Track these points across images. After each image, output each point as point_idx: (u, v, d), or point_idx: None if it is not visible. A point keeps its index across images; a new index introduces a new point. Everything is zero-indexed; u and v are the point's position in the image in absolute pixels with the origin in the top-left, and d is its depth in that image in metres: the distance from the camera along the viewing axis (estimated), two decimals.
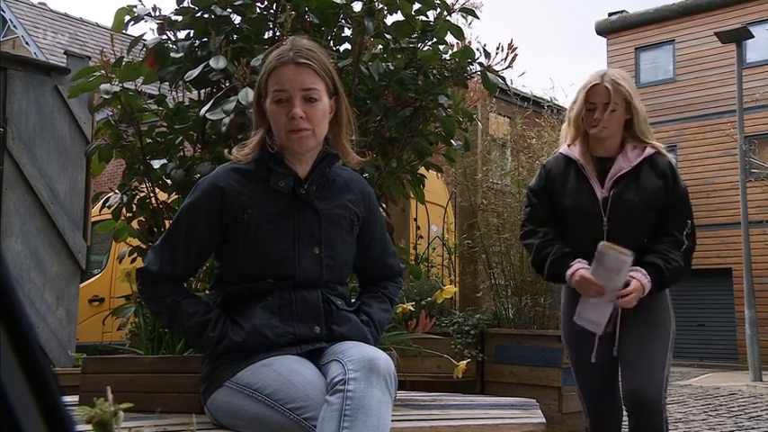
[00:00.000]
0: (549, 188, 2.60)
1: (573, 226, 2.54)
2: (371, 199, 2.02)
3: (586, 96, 2.52)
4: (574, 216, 2.54)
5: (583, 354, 2.51)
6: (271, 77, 1.83)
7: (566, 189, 2.56)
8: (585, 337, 2.46)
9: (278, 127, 1.82)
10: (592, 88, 2.51)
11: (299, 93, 1.80)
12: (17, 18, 15.87)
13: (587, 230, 2.49)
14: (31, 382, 0.42)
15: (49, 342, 4.64)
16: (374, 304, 1.97)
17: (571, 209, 2.54)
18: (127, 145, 2.56)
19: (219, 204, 1.82)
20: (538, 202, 2.61)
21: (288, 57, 1.82)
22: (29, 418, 0.41)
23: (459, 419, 2.03)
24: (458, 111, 2.60)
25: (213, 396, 1.79)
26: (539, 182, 2.64)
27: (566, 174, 2.58)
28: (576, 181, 2.56)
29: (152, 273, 1.84)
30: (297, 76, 1.81)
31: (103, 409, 0.74)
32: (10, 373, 0.40)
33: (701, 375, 12.98)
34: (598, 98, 2.51)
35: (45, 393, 0.42)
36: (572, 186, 2.55)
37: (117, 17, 2.49)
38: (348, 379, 1.57)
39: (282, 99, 1.81)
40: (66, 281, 4.82)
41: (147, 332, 2.30)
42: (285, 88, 1.80)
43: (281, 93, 1.81)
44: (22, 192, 4.62)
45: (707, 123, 18.78)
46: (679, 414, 6.89)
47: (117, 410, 0.74)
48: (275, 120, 1.82)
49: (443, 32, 2.45)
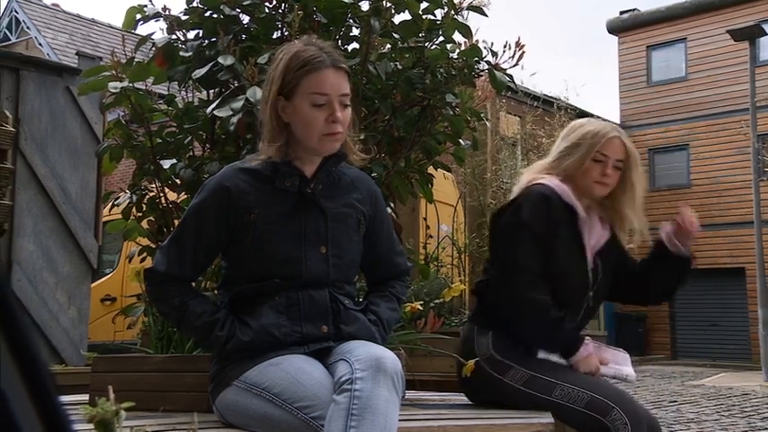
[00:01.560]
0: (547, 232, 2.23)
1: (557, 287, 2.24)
2: (378, 198, 2.02)
3: (600, 147, 2.26)
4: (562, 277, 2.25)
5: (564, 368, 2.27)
6: (307, 80, 1.80)
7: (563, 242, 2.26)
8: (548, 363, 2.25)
9: (312, 130, 1.80)
10: (609, 140, 2.27)
11: (337, 97, 1.80)
12: (30, 19, 15.98)
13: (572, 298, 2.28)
14: (28, 381, 0.42)
15: (62, 341, 4.67)
16: (382, 303, 1.97)
17: (563, 268, 2.25)
18: (137, 145, 2.57)
19: (226, 204, 1.82)
20: (537, 246, 2.22)
21: (325, 60, 1.81)
22: (26, 418, 0.41)
23: (467, 419, 2.03)
24: (466, 110, 2.59)
25: (221, 395, 1.80)
26: (541, 219, 2.23)
27: (564, 222, 2.26)
28: (571, 237, 2.27)
29: (160, 273, 1.84)
30: (337, 81, 1.81)
31: (105, 408, 0.74)
32: (7, 372, 0.41)
33: (713, 375, 12.90)
34: (613, 152, 2.27)
35: (42, 392, 0.42)
36: (568, 242, 2.27)
37: (128, 15, 2.51)
38: (355, 378, 1.57)
39: (322, 103, 1.80)
40: (78, 280, 4.85)
41: (157, 331, 2.31)
42: (326, 92, 1.79)
43: (322, 96, 1.79)
44: (35, 192, 4.65)
45: (719, 122, 18.67)
46: (691, 414, 6.85)
47: (118, 410, 0.75)
48: (310, 122, 1.80)
49: (451, 31, 2.45)
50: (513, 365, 2.24)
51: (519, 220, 2.24)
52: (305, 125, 1.82)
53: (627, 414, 2.10)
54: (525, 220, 2.22)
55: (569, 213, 2.27)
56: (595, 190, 2.29)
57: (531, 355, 2.25)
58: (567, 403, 2.15)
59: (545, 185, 2.27)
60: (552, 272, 2.24)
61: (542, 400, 2.18)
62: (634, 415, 2.11)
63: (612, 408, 2.11)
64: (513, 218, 2.26)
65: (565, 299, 2.27)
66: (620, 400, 2.14)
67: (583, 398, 2.15)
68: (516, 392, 2.22)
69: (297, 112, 1.82)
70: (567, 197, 2.26)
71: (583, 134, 2.30)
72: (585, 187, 2.30)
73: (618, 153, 2.28)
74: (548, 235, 2.23)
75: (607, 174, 2.27)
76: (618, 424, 2.08)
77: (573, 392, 2.16)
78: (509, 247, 2.26)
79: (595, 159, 2.27)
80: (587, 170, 2.27)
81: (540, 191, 2.26)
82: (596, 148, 2.27)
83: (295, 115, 1.82)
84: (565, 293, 2.27)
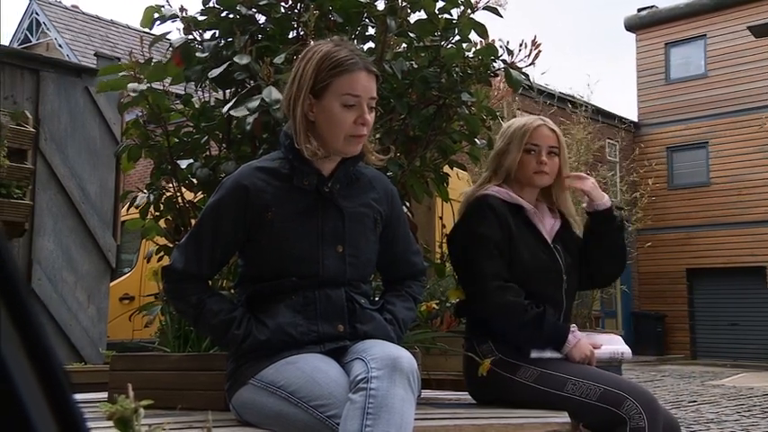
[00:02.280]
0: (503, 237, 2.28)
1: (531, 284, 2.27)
2: (395, 197, 2.02)
3: (529, 138, 2.33)
4: (534, 273, 2.28)
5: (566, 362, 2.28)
6: (340, 80, 1.80)
7: (521, 240, 2.29)
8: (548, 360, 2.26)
9: (339, 130, 1.81)
10: (536, 129, 2.34)
11: (367, 100, 1.82)
12: (50, 21, 16.16)
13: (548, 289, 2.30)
14: (41, 378, 0.42)
15: (81, 339, 4.72)
16: (398, 303, 1.97)
17: (531, 264, 2.28)
18: (154, 145, 2.59)
19: (244, 203, 1.83)
20: (498, 252, 2.26)
21: (359, 63, 1.82)
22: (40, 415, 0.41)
23: (483, 418, 2.02)
24: (482, 108, 2.58)
25: (238, 393, 1.81)
26: (493, 226, 2.27)
27: (515, 222, 2.31)
28: (528, 231, 2.32)
29: (177, 271, 1.85)
30: (368, 84, 1.83)
31: (124, 405, 0.75)
32: (21, 370, 0.41)
33: (733, 375, 12.77)
34: (542, 140, 2.34)
35: (56, 390, 0.43)
36: (525, 237, 2.31)
37: (146, 15, 2.53)
38: (371, 377, 1.57)
39: (352, 104, 1.81)
40: (97, 279, 4.89)
41: (174, 330, 2.33)
42: (358, 93, 1.81)
43: (354, 98, 1.81)
44: (54, 192, 4.70)
45: (739, 119, 18.48)
46: (711, 414, 6.79)
47: (137, 407, 0.75)
48: (339, 122, 1.81)
49: (467, 30, 2.44)
50: (522, 364, 2.25)
51: (473, 233, 2.29)
52: (333, 125, 1.82)
53: (641, 403, 2.09)
54: (479, 232, 2.28)
55: (516, 211, 2.33)
56: (536, 180, 2.36)
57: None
58: (580, 397, 2.15)
59: (485, 194, 2.34)
60: (523, 270, 2.27)
61: (554, 396, 2.18)
62: (648, 404, 2.10)
63: (626, 398, 2.10)
64: (467, 232, 2.33)
65: (543, 291, 2.29)
66: (633, 390, 2.14)
67: (595, 391, 2.14)
68: (528, 390, 2.22)
69: (325, 111, 1.82)
70: (509, 197, 2.33)
71: (512, 131, 2.39)
72: (527, 180, 2.36)
73: (548, 140, 2.36)
74: (503, 239, 2.27)
75: (542, 161, 2.34)
76: (633, 413, 2.07)
77: (585, 386, 2.16)
78: (471, 260, 2.30)
79: (527, 150, 2.34)
80: (523, 163, 2.35)
81: (482, 201, 2.32)
82: (525, 139, 2.34)
83: (322, 114, 1.83)
84: (542, 285, 2.29)
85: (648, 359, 16.32)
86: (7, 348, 0.42)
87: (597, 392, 2.14)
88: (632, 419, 2.07)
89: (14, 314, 0.41)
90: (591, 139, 7.48)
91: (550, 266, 2.32)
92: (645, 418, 2.06)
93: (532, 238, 2.32)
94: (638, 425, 2.06)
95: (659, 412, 2.11)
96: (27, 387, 0.42)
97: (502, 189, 2.35)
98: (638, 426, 2.06)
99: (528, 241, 2.31)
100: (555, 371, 2.22)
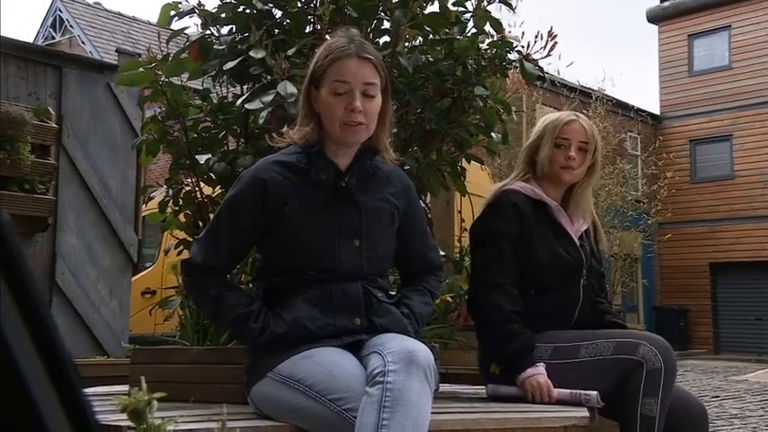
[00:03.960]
0: (521, 233, 2.25)
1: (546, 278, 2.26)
2: (412, 192, 2.02)
3: (559, 132, 2.29)
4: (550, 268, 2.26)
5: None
6: (331, 68, 1.82)
7: (540, 235, 2.26)
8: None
9: (333, 118, 1.82)
10: (568, 124, 2.30)
11: (359, 87, 1.81)
12: (73, 18, 16.34)
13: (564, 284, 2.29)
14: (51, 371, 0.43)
15: (104, 333, 4.77)
16: (415, 297, 1.97)
17: (547, 259, 2.25)
18: (173, 140, 2.60)
19: (261, 196, 1.84)
20: (511, 247, 2.23)
21: (350, 50, 1.83)
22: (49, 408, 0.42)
23: (501, 412, 2.02)
24: (497, 101, 2.57)
25: (256, 387, 1.82)
26: (511, 222, 2.24)
27: (536, 217, 2.28)
28: (549, 228, 2.29)
29: (196, 264, 1.87)
30: (359, 70, 1.82)
31: (138, 398, 0.76)
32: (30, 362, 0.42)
33: (758, 371, 12.62)
34: (573, 135, 2.29)
35: (65, 382, 0.43)
36: (545, 233, 2.27)
37: (163, 13, 2.54)
38: (388, 371, 1.58)
39: (342, 91, 1.81)
40: (119, 273, 4.94)
41: (193, 324, 2.35)
42: (347, 80, 1.81)
43: (342, 84, 1.81)
44: (77, 187, 4.75)
45: (764, 112, 18.22)
46: (735, 410, 6.72)
47: (151, 400, 0.76)
48: (331, 111, 1.82)
49: (483, 23, 2.43)
50: None
51: (490, 228, 2.28)
52: (327, 113, 1.84)
53: (654, 345, 2.11)
54: (497, 228, 2.25)
55: (540, 207, 2.30)
56: (563, 176, 2.31)
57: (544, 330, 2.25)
58: (596, 357, 2.16)
59: (507, 189, 2.31)
60: (538, 265, 2.25)
61: (570, 364, 2.19)
62: (661, 344, 2.12)
63: (640, 343, 2.12)
64: (485, 227, 2.31)
65: (559, 286, 2.28)
66: (646, 336, 2.17)
67: (608, 346, 2.15)
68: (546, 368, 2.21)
69: (321, 100, 1.85)
70: (533, 193, 2.30)
71: (544, 126, 2.35)
72: (554, 175, 2.32)
73: (579, 135, 2.31)
74: (520, 234, 2.25)
75: (569, 156, 2.28)
76: (649, 356, 2.09)
77: (599, 345, 2.17)
78: (482, 254, 2.29)
79: (557, 145, 2.30)
80: (552, 158, 2.30)
81: (503, 196, 2.29)
82: (556, 134, 2.30)
83: (320, 104, 1.85)
84: (557, 280, 2.28)
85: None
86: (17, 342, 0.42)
87: (611, 347, 2.15)
88: (648, 362, 2.08)
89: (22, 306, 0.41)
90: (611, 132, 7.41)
91: (570, 262, 2.29)
92: (660, 359, 2.08)
93: (552, 234, 2.29)
94: (655, 366, 2.08)
95: (671, 353, 2.12)
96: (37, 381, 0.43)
97: (527, 185, 2.31)
98: (655, 367, 2.08)
99: (547, 237, 2.27)
100: (565, 342, 2.23)
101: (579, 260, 2.31)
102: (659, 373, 2.07)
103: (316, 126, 1.87)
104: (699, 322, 18.61)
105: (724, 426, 5.74)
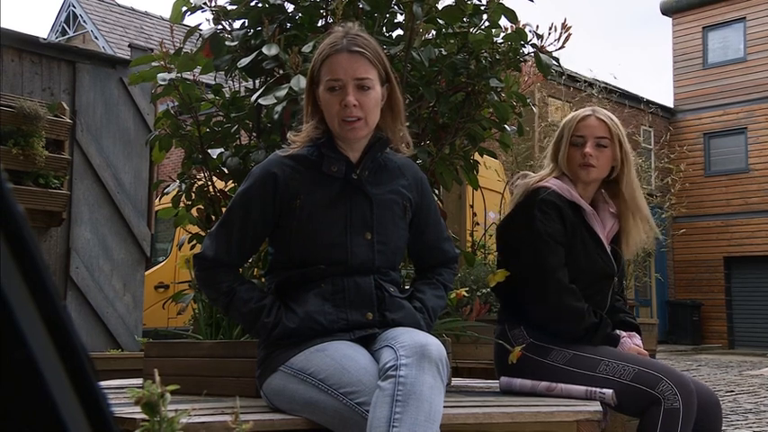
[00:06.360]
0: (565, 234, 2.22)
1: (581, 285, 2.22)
2: (424, 184, 2.01)
3: (574, 129, 2.24)
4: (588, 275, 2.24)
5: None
6: (324, 66, 1.84)
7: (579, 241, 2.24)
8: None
9: (331, 115, 1.83)
10: (582, 120, 2.24)
11: (352, 81, 1.81)
12: (87, 13, 16.42)
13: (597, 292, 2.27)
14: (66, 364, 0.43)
15: (118, 327, 4.80)
16: (428, 291, 1.97)
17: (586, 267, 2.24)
18: (185, 135, 2.61)
19: (272, 190, 1.84)
20: (562, 254, 2.21)
21: (341, 45, 1.83)
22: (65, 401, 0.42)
23: (513, 406, 2.01)
24: (511, 95, 2.55)
25: (268, 380, 1.83)
26: (557, 225, 2.21)
27: (573, 221, 2.24)
28: (587, 233, 2.26)
29: (208, 258, 1.88)
30: (350, 65, 1.82)
31: (151, 391, 0.76)
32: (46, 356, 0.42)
33: None
34: (589, 131, 2.23)
35: (80, 375, 0.44)
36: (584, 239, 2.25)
37: (175, 8, 2.55)
38: (400, 365, 1.58)
39: (336, 87, 1.81)
40: (133, 268, 4.97)
41: (206, 318, 2.36)
42: (339, 76, 1.81)
43: (335, 81, 1.81)
44: (90, 182, 4.78)
45: None
46: (749, 405, 6.68)
47: (164, 392, 0.76)
48: (328, 108, 1.83)
49: (497, 15, 2.42)
50: (553, 347, 2.24)
51: (538, 231, 2.20)
52: (326, 110, 1.85)
53: (676, 385, 2.06)
54: (545, 230, 2.20)
55: (575, 209, 2.26)
56: (581, 174, 2.25)
57: None
58: (614, 377, 2.13)
59: (544, 186, 2.24)
60: (578, 271, 2.23)
61: (587, 377, 2.16)
62: (684, 386, 2.07)
63: (661, 378, 2.07)
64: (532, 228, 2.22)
65: (591, 294, 2.26)
66: (667, 371, 2.11)
67: (629, 371, 2.12)
68: (560, 372, 2.20)
69: (320, 98, 1.86)
70: (570, 195, 2.25)
71: (561, 126, 2.30)
72: (574, 175, 2.26)
73: (595, 130, 2.24)
74: (567, 236, 2.22)
75: (585, 153, 2.22)
76: (668, 394, 2.04)
77: (618, 367, 2.13)
78: (536, 256, 2.22)
79: (574, 144, 2.25)
80: (570, 157, 2.25)
81: (543, 195, 2.22)
82: (571, 132, 2.25)
83: (320, 102, 1.86)
84: (591, 288, 2.26)
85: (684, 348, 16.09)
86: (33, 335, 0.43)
87: (631, 373, 2.11)
88: (667, 400, 2.04)
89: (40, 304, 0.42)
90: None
91: (605, 271, 2.27)
92: (680, 399, 2.03)
93: (592, 240, 2.26)
94: (673, 405, 2.03)
95: (694, 395, 2.07)
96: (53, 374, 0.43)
97: (563, 185, 2.26)
98: (673, 407, 2.03)
99: (587, 243, 2.25)
100: (587, 353, 2.20)
101: (612, 269, 2.30)
102: (677, 413, 2.02)
103: (320, 123, 1.88)
104: (713, 317, 18.49)
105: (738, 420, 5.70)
